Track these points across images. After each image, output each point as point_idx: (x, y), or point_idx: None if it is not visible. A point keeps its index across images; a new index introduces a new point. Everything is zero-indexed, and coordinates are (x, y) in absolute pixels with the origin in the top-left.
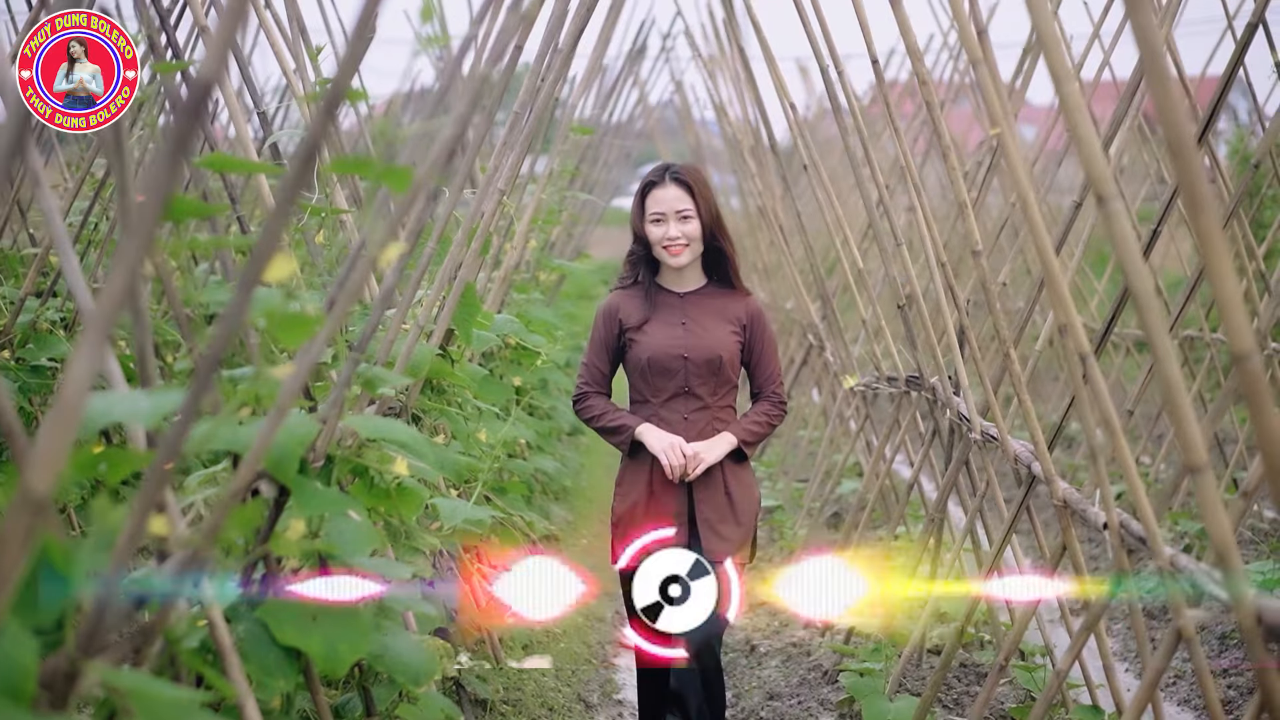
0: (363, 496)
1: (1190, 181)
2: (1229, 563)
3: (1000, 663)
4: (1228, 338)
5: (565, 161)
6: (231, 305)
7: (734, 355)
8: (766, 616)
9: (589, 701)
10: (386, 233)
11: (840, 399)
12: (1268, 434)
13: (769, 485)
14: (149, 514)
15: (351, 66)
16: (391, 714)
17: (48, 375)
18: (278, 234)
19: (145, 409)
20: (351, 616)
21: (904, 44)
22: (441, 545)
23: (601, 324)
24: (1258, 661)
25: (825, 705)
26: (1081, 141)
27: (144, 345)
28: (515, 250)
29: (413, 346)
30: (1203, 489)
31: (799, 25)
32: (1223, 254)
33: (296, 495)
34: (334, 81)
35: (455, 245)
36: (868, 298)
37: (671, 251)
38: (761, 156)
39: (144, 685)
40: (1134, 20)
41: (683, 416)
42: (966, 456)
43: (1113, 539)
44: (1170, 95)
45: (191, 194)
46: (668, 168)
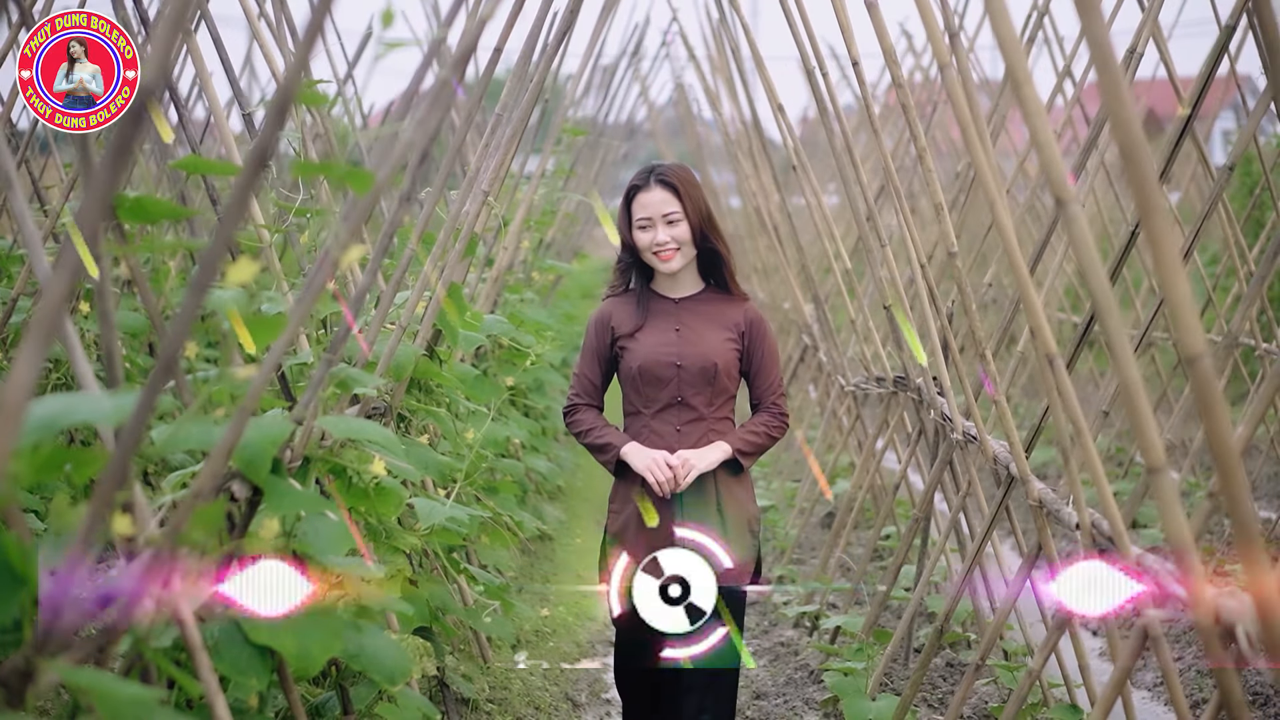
0: (342, 496)
1: (1141, 184)
2: (1186, 562)
3: (977, 662)
4: (1178, 340)
5: (560, 161)
6: (183, 307)
7: (730, 364)
8: (756, 616)
9: (576, 700)
10: (349, 235)
11: (833, 399)
12: (1218, 435)
13: (764, 485)
14: (105, 513)
15: (297, 73)
16: (371, 712)
17: (42, 375)
18: (229, 237)
19: (108, 409)
20: (325, 615)
21: (880, 47)
22: (423, 545)
23: (593, 333)
24: (1215, 660)
25: (810, 705)
26: (1041, 146)
27: (111, 346)
28: (507, 251)
29: (395, 347)
30: (1161, 490)
31: (819, 26)
32: (1174, 257)
33: (268, 495)
34: (280, 88)
35: (437, 246)
36: (857, 299)
37: (662, 257)
38: (756, 157)
39: (103, 683)
40: (1085, 24)
41: (675, 428)
42: (950, 457)
43: (1083, 539)
44: (1122, 99)
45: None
46: (653, 169)
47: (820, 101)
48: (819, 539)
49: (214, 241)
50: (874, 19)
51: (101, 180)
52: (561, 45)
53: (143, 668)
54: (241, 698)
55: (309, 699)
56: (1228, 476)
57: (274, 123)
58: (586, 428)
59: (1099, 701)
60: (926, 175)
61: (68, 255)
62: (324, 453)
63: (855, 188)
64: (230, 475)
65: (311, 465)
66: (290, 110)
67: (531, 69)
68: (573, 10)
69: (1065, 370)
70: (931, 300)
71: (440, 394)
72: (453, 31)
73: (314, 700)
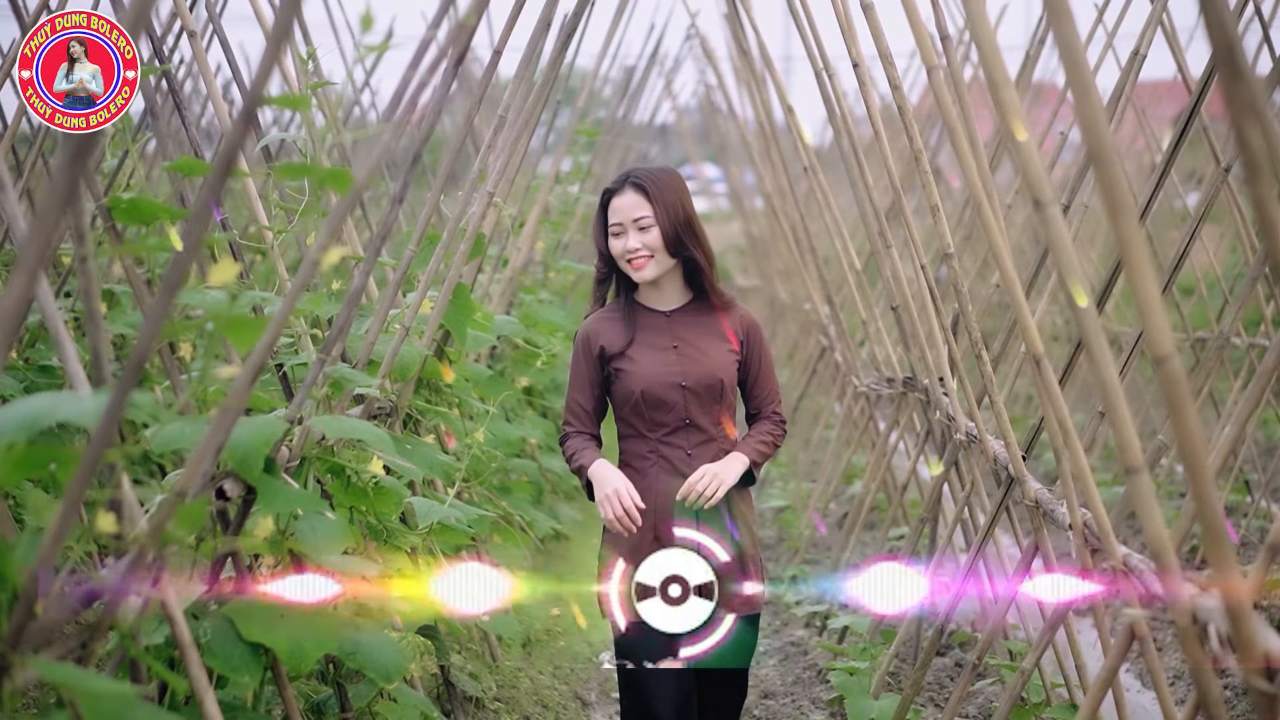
0: (341, 495)
1: (1109, 186)
2: (1164, 561)
3: (974, 661)
4: (1147, 341)
5: (579, 162)
6: (152, 308)
7: (733, 376)
8: (768, 616)
9: (585, 699)
10: (329, 235)
11: (848, 399)
12: (1186, 434)
13: (780, 486)
14: (77, 508)
15: (264, 76)
16: (370, 710)
17: (57, 375)
18: (198, 239)
19: (90, 408)
20: (318, 613)
21: (877, 49)
22: (428, 544)
23: (581, 357)
24: (1192, 659)
25: (816, 704)
26: (1019, 148)
27: (98, 345)
28: (521, 251)
29: (398, 347)
30: (1139, 489)
31: (828, 28)
32: (1143, 257)
33: (261, 493)
34: (250, 90)
35: (440, 247)
36: (866, 299)
37: (634, 265)
38: (773, 159)
39: (81, 679)
40: (1056, 31)
41: (686, 452)
42: (956, 457)
43: (1076, 539)
44: (1092, 103)
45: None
46: (629, 173)
47: (828, 103)
48: (833, 539)
49: (184, 243)
50: (870, 21)
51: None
52: (569, 47)
53: (133, 666)
54: (238, 695)
55: (310, 697)
56: (1195, 476)
57: (241, 126)
58: (570, 453)
59: (1085, 701)
60: (923, 177)
61: (27, 255)
62: (321, 452)
63: (862, 189)
64: (224, 474)
65: (307, 464)
66: (255, 114)
67: (537, 72)
68: (578, 14)
69: (1051, 370)
70: (934, 301)
71: (450, 394)
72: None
73: (314, 698)
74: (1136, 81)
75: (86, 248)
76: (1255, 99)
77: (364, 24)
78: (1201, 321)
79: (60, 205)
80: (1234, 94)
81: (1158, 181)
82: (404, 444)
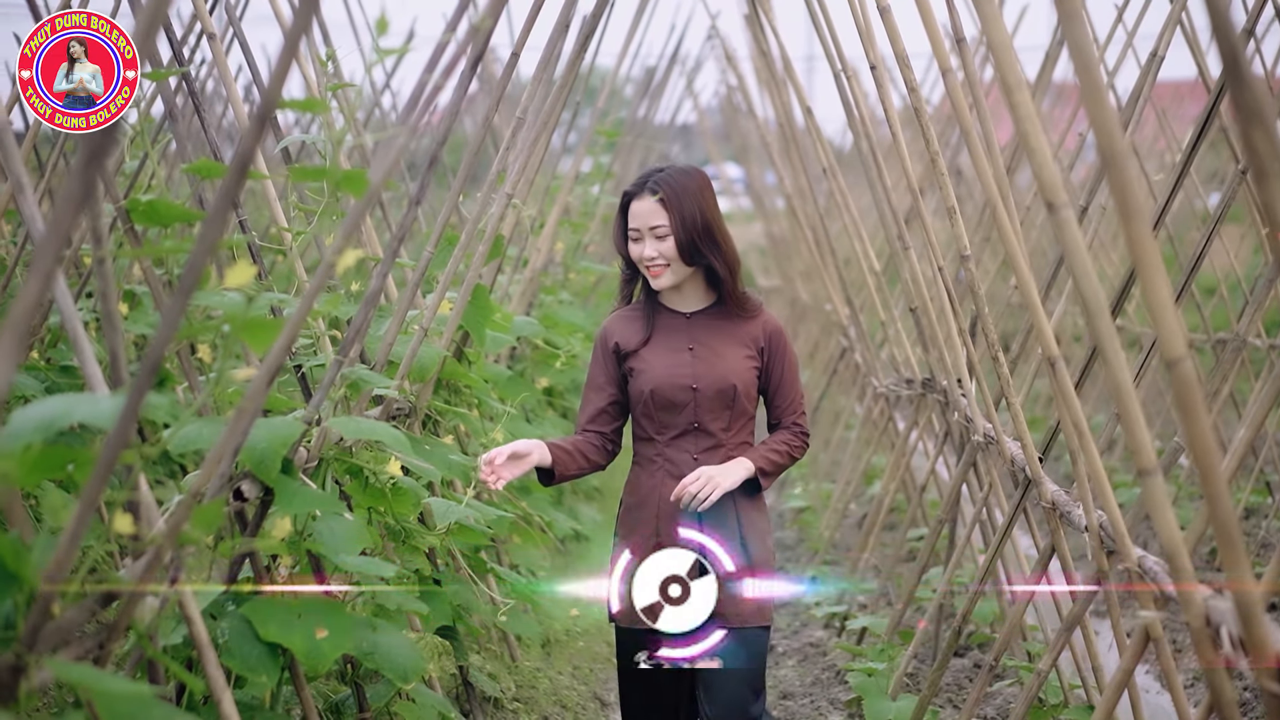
0: (359, 496)
1: (1122, 189)
2: (1176, 563)
3: (990, 662)
4: (1160, 343)
5: (599, 162)
6: (168, 310)
7: (749, 383)
8: (787, 617)
9: (604, 700)
10: (344, 238)
11: (868, 399)
12: (1198, 436)
13: (800, 487)
14: (94, 509)
15: (279, 80)
16: (389, 710)
17: (78, 375)
18: (213, 241)
19: (106, 409)
20: (335, 613)
21: (893, 51)
22: (447, 545)
23: (599, 355)
24: (1205, 661)
25: (835, 705)
26: (1032, 151)
27: (115, 347)
28: (541, 252)
29: (417, 348)
30: (1152, 491)
31: (850, 29)
32: (1155, 261)
33: (279, 494)
34: (264, 94)
35: (459, 249)
36: (885, 300)
37: (651, 273)
38: (793, 160)
39: (97, 680)
40: (1068, 32)
41: (692, 456)
42: (974, 459)
43: (1092, 541)
44: (1103, 106)
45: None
46: (649, 175)
47: (847, 105)
48: (853, 539)
49: (197, 245)
50: (886, 23)
51: (73, 188)
52: (587, 48)
53: (150, 666)
54: (257, 695)
55: (328, 697)
56: (1207, 477)
57: (255, 129)
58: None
59: (1100, 703)
60: (940, 179)
61: (41, 259)
62: (339, 453)
63: (881, 191)
64: (241, 475)
65: (325, 465)
66: (270, 117)
67: (556, 72)
68: (596, 15)
69: (1066, 372)
70: (952, 303)
71: (469, 395)
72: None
73: (332, 698)
74: (1155, 82)
75: (104, 249)
76: (1261, 105)
77: (379, 27)
78: (1223, 322)
79: (76, 207)
80: (1240, 100)
81: (1176, 181)
82: (422, 445)
